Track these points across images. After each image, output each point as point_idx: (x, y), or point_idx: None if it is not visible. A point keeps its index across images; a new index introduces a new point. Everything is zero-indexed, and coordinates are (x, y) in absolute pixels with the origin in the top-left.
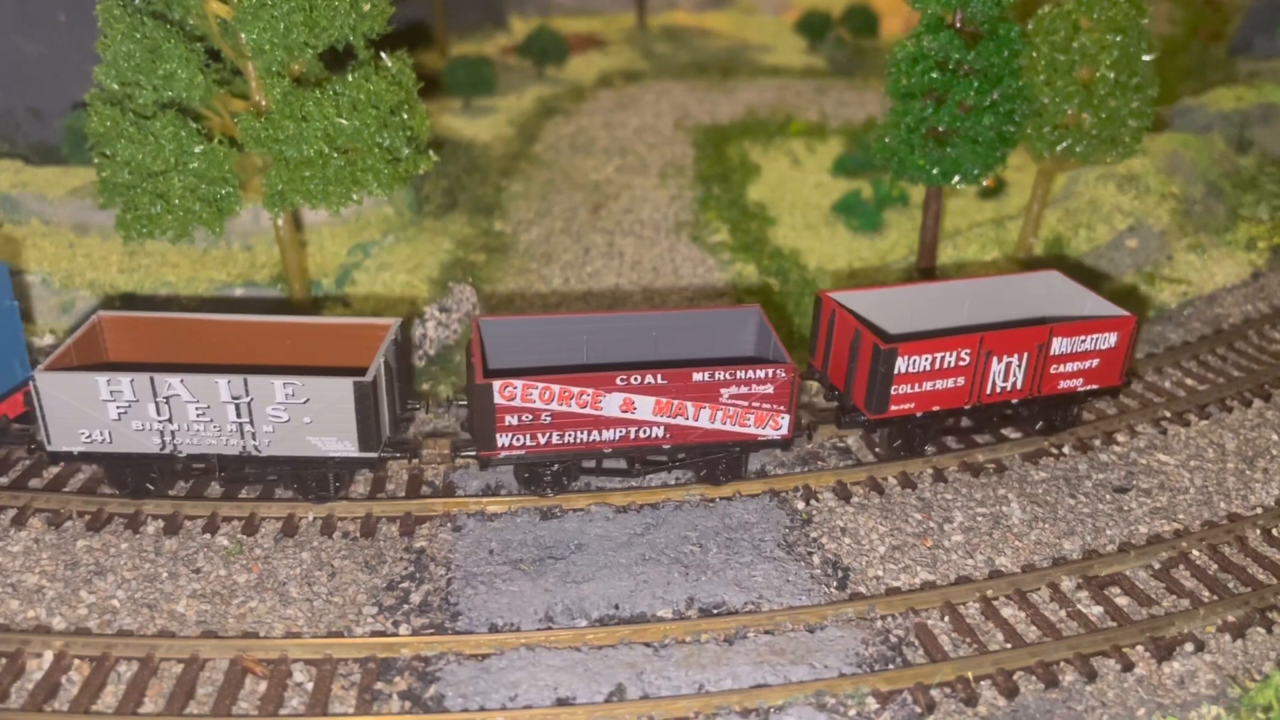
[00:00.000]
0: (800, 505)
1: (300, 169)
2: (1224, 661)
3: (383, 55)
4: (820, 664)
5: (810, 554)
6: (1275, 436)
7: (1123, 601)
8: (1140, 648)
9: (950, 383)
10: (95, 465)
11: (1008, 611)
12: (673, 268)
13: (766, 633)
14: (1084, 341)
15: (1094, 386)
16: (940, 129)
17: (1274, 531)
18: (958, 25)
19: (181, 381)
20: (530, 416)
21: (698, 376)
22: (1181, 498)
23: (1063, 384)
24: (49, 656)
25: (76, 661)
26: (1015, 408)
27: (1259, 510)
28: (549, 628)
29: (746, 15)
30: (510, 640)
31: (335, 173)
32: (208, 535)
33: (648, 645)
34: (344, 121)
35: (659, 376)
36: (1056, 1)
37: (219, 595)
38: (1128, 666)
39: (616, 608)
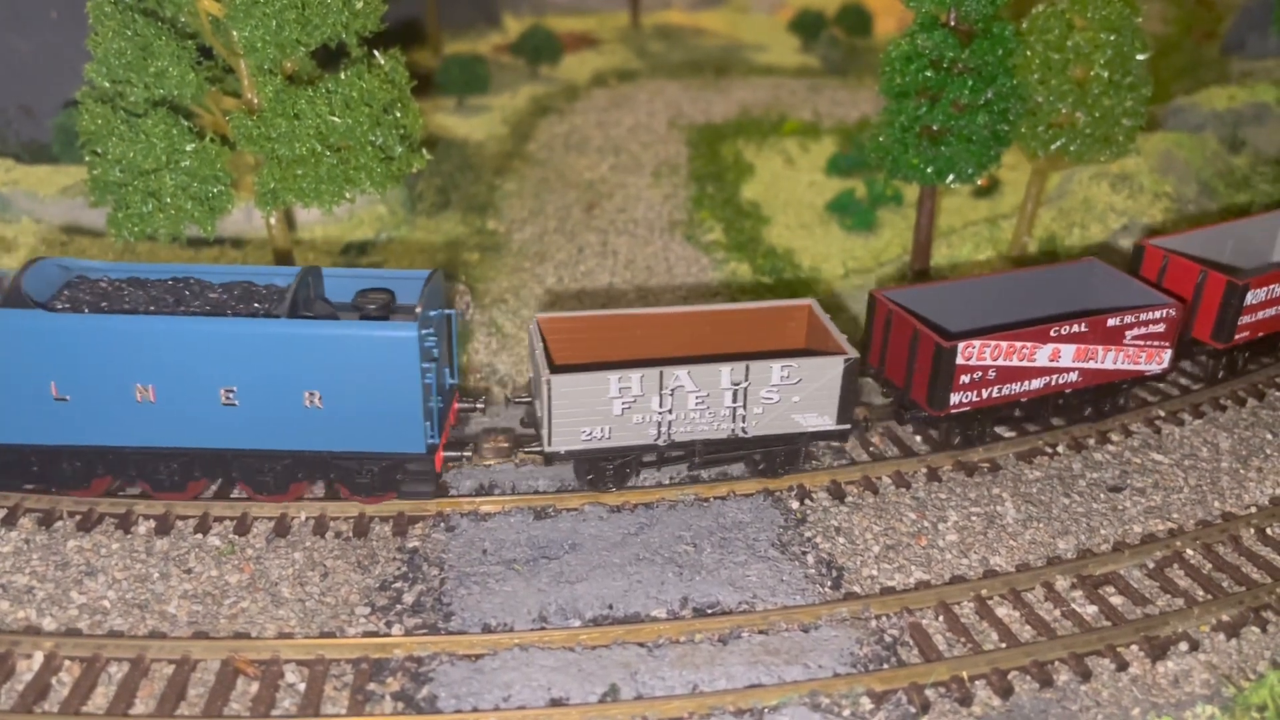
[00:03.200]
0: (794, 505)
1: (293, 167)
2: (1218, 661)
3: (375, 53)
4: (815, 664)
5: (804, 553)
6: (1269, 436)
7: (1117, 601)
8: (1135, 647)
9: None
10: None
11: (1002, 611)
12: (666, 267)
13: (761, 633)
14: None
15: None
16: (934, 128)
17: (1268, 531)
18: (952, 24)
19: (688, 373)
20: (979, 374)
21: (1112, 321)
22: (1176, 497)
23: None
24: (39, 657)
25: (67, 662)
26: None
27: (1253, 509)
28: (542, 628)
29: (740, 14)
30: (504, 640)
31: (328, 171)
32: (199, 535)
33: (642, 645)
34: (336, 120)
35: (1083, 325)
36: (1050, 0)
37: (211, 596)
38: (1122, 666)
39: (610, 608)
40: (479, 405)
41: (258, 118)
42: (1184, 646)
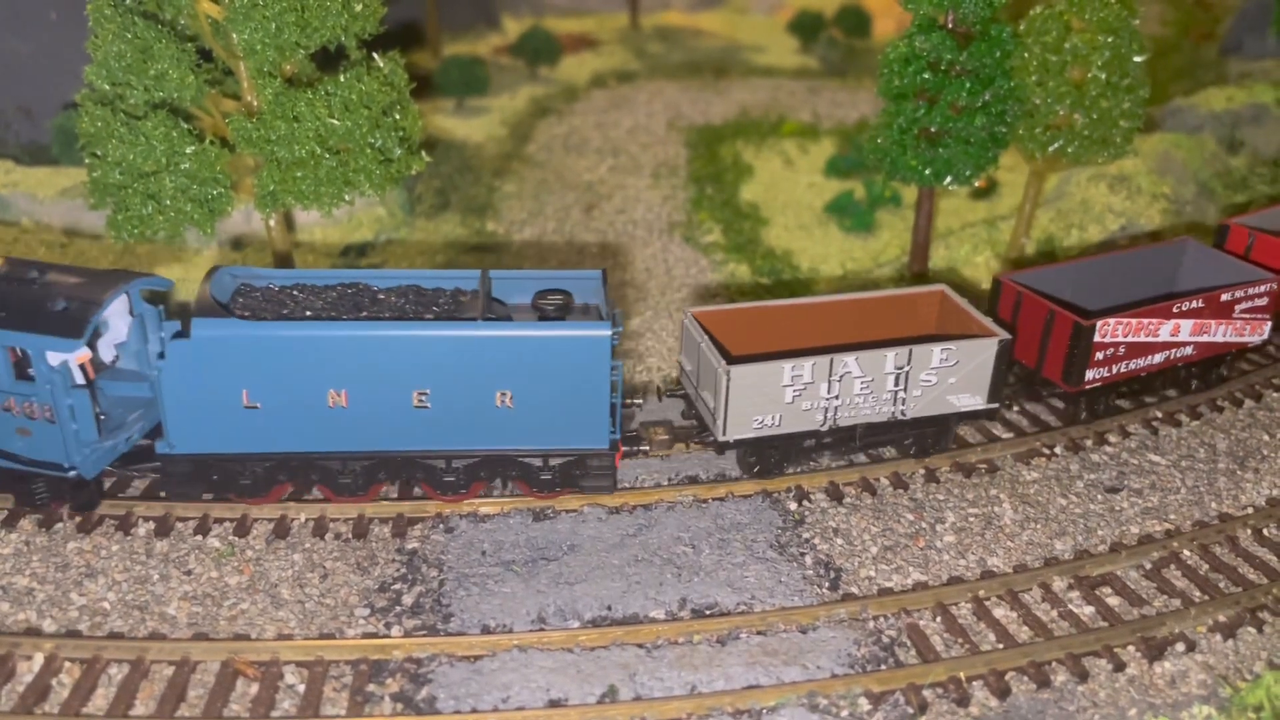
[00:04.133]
0: (793, 506)
1: (292, 169)
2: (1215, 661)
3: (375, 55)
4: (813, 665)
5: (803, 555)
6: (1266, 437)
7: (1114, 601)
8: (1132, 648)
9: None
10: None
11: (1000, 612)
12: (665, 268)
13: (759, 633)
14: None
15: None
16: (932, 130)
17: (1265, 531)
18: (950, 26)
19: (855, 359)
20: (1111, 350)
21: (1225, 296)
22: (1173, 498)
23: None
24: (39, 659)
25: (67, 664)
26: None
27: (1250, 510)
28: (541, 629)
29: (739, 15)
30: (502, 642)
31: (327, 173)
32: (199, 537)
33: (640, 646)
34: (336, 122)
35: (1200, 301)
36: (1048, 2)
37: (210, 597)
38: (1119, 666)
39: (609, 609)
40: (638, 401)
41: (257, 120)
42: (1181, 647)
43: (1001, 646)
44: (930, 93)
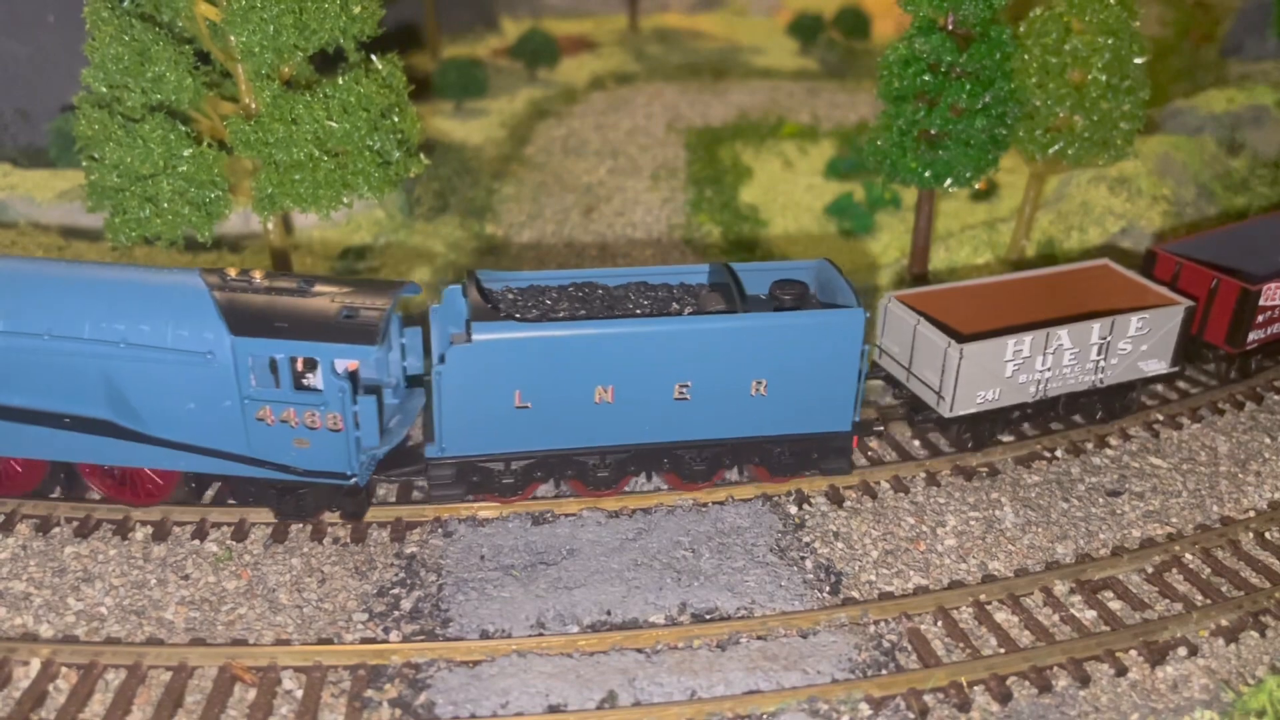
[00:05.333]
0: (793, 510)
1: (290, 172)
2: (1217, 666)
3: (373, 58)
4: (813, 669)
5: (803, 559)
6: (1268, 440)
7: (1116, 605)
8: (1133, 652)
9: None
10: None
11: (1001, 616)
12: None
13: (759, 638)
14: None
15: None
16: (932, 131)
17: (1267, 535)
18: (949, 28)
19: (1067, 332)
20: (1270, 313)
21: None
22: (1174, 501)
23: None
24: (36, 664)
25: (64, 669)
26: None
27: (1251, 513)
28: (540, 634)
29: (738, 17)
30: (501, 647)
31: (325, 176)
32: (197, 541)
33: (640, 651)
34: (334, 124)
35: None
36: (1048, 4)
37: (208, 602)
38: (1121, 671)
39: (608, 613)
40: None
41: (255, 123)
42: (1183, 651)
43: (1003, 651)
44: (930, 95)
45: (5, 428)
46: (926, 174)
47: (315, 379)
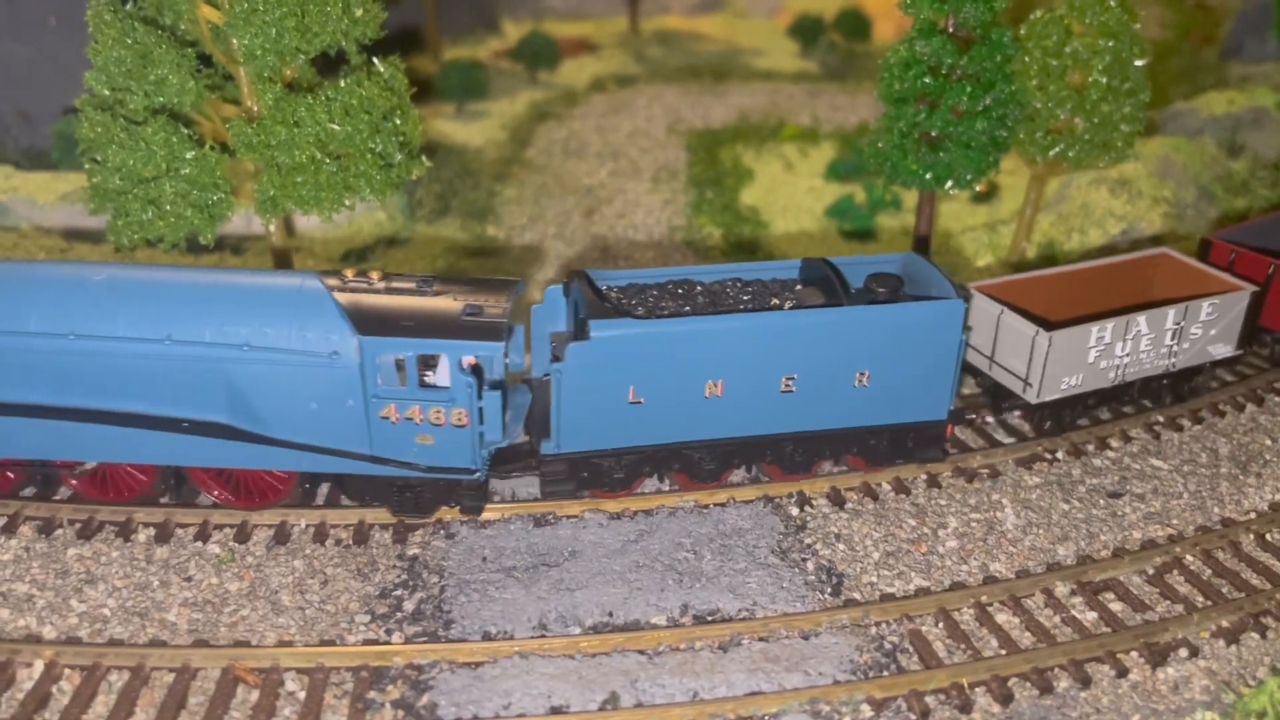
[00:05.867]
0: (794, 511)
1: (292, 175)
2: (1218, 667)
3: (375, 60)
4: (815, 671)
5: (804, 560)
6: (1269, 441)
7: (1117, 607)
8: (1135, 653)
9: None
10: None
11: (1002, 617)
12: None
13: (761, 640)
14: None
15: None
16: (933, 134)
17: (1268, 536)
18: (950, 30)
19: (1145, 319)
20: None
21: None
22: (1175, 502)
23: None
24: (39, 666)
25: (67, 671)
26: None
27: (1252, 515)
28: (542, 635)
29: (739, 19)
30: (504, 648)
31: (327, 178)
32: (199, 543)
33: (642, 653)
34: (336, 127)
35: None
36: (1049, 6)
37: (211, 603)
38: (1122, 672)
39: (610, 615)
40: None
41: (257, 125)
42: (1184, 653)
43: (1004, 652)
44: (931, 97)
45: (122, 434)
46: (927, 176)
47: (442, 376)
